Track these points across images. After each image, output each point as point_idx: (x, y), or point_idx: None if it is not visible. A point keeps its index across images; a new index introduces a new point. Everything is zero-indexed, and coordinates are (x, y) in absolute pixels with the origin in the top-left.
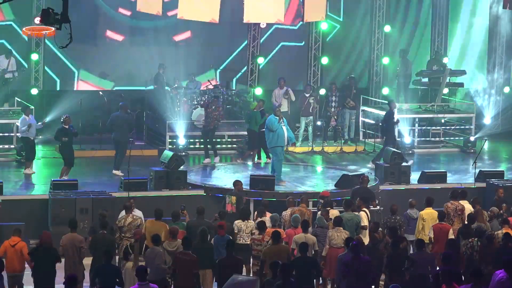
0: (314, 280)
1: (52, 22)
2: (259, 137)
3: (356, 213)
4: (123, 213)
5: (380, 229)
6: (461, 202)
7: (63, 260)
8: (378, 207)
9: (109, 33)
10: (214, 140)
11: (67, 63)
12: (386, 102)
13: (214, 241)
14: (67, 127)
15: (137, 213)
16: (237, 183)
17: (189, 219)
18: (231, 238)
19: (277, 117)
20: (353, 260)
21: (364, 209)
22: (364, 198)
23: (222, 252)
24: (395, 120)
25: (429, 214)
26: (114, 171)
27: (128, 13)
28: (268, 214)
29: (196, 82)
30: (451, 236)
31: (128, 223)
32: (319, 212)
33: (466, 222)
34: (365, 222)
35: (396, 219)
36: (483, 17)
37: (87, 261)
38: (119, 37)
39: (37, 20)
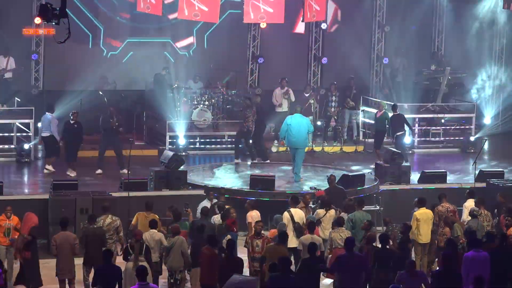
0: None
1: (50, 17)
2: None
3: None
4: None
5: (374, 227)
6: (468, 200)
7: (56, 259)
8: (378, 207)
9: (109, 36)
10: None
11: None
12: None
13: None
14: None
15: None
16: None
17: (193, 218)
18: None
19: None
20: (347, 257)
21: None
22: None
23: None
24: None
25: (423, 214)
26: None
27: (128, 16)
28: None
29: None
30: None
31: (108, 223)
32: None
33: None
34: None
35: (389, 230)
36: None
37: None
38: (119, 40)
39: (37, 20)
